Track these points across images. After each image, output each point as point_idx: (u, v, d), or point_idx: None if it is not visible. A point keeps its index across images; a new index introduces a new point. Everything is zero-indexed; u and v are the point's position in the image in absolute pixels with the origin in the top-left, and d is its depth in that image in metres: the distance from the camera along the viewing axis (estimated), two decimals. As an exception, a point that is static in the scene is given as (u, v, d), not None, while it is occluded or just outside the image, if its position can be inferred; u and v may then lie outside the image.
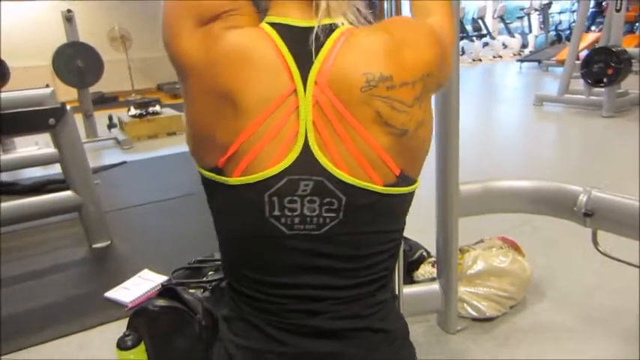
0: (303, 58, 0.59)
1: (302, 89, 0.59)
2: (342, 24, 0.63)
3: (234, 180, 0.60)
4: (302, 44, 0.60)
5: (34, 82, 3.86)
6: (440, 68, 0.65)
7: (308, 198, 0.60)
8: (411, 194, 0.67)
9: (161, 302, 1.54)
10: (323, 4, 0.61)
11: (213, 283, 1.61)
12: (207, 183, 0.65)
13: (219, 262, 1.78)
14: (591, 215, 1.34)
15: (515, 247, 1.84)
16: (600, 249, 1.43)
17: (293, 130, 0.59)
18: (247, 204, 0.61)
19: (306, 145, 0.59)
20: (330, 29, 0.61)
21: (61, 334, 1.77)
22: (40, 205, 2.30)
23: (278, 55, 0.59)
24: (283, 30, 0.61)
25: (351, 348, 0.67)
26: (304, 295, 0.65)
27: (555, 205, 1.44)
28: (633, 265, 1.38)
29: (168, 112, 5.40)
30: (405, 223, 0.71)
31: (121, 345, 1.36)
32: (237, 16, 0.61)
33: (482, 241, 1.90)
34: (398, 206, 0.66)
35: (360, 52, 0.60)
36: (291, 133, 0.59)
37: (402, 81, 0.60)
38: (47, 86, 3.81)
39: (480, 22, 12.08)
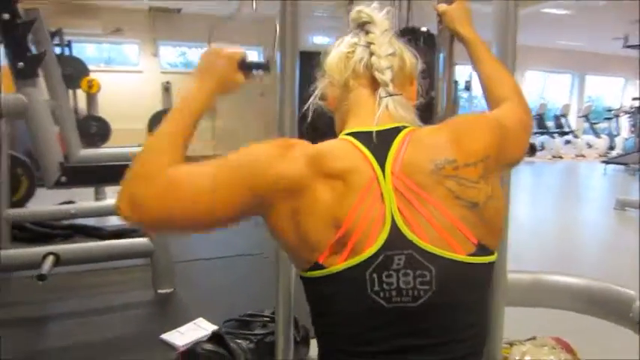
0: (379, 153, 0.73)
1: (382, 177, 0.71)
2: (407, 126, 0.77)
3: (339, 266, 0.68)
4: (376, 143, 0.74)
5: (131, 142, 4.40)
6: (498, 150, 0.77)
7: (402, 271, 0.67)
8: (491, 265, 0.73)
9: (208, 346, 1.67)
10: (382, 116, 0.77)
11: (259, 337, 1.69)
12: (310, 280, 0.73)
13: (267, 319, 1.86)
14: (646, 323, 1.30)
15: (569, 350, 1.76)
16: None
17: (380, 212, 0.69)
18: (350, 285, 0.69)
19: (393, 223, 0.68)
20: (397, 130, 0.76)
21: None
22: (120, 248, 2.62)
23: (360, 152, 0.73)
24: (359, 135, 0.76)
25: None
26: None
27: (607, 307, 1.40)
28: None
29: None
30: (488, 297, 0.76)
31: (172, 376, 1.48)
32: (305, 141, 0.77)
33: (534, 338, 1.84)
34: (481, 276, 0.73)
35: (424, 145, 0.74)
36: (379, 215, 0.69)
37: (465, 162, 0.72)
38: (145, 143, 4.25)
39: (562, 119, 11.92)
